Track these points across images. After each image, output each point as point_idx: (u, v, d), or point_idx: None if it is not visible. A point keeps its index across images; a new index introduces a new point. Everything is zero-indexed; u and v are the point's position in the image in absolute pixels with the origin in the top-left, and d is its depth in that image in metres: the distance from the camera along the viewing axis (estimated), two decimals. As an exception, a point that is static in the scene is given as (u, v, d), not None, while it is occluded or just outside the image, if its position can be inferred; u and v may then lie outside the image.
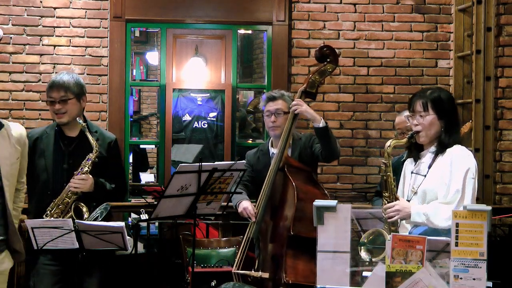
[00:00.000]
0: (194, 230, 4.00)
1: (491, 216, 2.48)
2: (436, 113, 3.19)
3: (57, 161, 3.76)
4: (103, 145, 3.86)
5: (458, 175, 3.09)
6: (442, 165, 3.16)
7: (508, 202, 5.60)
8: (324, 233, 2.59)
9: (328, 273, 2.57)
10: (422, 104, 3.21)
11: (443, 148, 3.19)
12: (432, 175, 3.18)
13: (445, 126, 3.20)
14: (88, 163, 3.72)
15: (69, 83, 3.80)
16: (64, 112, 3.78)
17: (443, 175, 3.13)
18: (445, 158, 3.17)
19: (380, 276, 2.52)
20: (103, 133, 3.98)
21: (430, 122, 3.19)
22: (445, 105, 3.22)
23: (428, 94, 3.23)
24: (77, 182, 3.68)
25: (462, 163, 3.12)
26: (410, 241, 2.48)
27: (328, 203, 2.63)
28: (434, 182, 3.16)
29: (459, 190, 3.07)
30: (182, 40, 6.45)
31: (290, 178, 3.86)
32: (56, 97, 3.77)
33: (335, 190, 5.77)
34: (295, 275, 3.73)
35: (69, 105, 3.79)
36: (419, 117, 3.22)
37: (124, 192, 4.20)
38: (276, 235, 3.93)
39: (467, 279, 2.44)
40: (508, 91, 5.65)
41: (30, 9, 5.64)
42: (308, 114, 3.94)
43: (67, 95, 3.78)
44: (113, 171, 3.92)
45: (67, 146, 3.80)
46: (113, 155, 3.95)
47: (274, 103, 4.15)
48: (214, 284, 4.31)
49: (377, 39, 5.88)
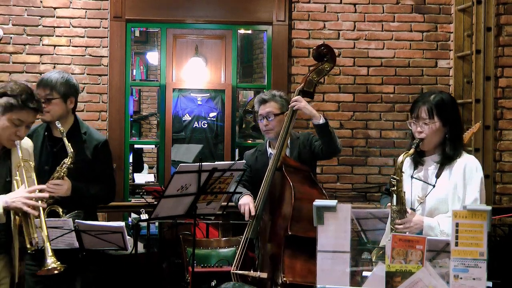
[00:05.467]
0: (194, 230, 4.00)
1: (491, 216, 2.47)
2: (440, 120, 3.12)
3: (41, 162, 3.69)
4: (89, 147, 3.77)
5: (474, 185, 3.06)
6: (455, 176, 3.10)
7: (508, 202, 5.60)
8: (324, 233, 2.59)
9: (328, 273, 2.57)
10: (427, 110, 3.12)
11: (448, 159, 3.13)
12: (442, 186, 3.12)
13: (450, 133, 3.14)
14: (63, 168, 3.60)
15: (56, 82, 3.72)
16: (48, 111, 3.70)
17: (457, 186, 3.08)
18: (456, 170, 3.11)
19: (380, 276, 2.52)
20: (92, 135, 3.88)
21: (436, 130, 3.13)
22: (449, 110, 3.15)
23: (432, 99, 3.15)
24: (51, 186, 3.57)
25: (476, 175, 3.09)
26: (410, 241, 2.48)
27: (328, 203, 2.62)
28: (445, 193, 3.11)
29: (477, 199, 3.04)
30: (182, 40, 6.46)
31: (287, 178, 3.86)
32: (41, 94, 3.66)
33: (335, 190, 5.78)
34: (293, 275, 3.73)
35: (52, 105, 3.71)
36: (423, 124, 3.14)
37: (112, 196, 4.03)
38: (274, 235, 3.93)
39: (467, 279, 2.44)
40: (508, 91, 5.65)
41: (30, 9, 5.64)
42: (307, 110, 3.92)
43: (51, 94, 3.71)
44: (99, 174, 3.84)
45: (52, 147, 3.74)
46: (100, 157, 3.84)
47: (265, 106, 4.13)
48: (214, 284, 4.31)
49: (377, 39, 5.88)
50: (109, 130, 5.67)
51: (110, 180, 3.97)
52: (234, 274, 3.94)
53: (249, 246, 4.02)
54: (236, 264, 3.97)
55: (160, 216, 3.75)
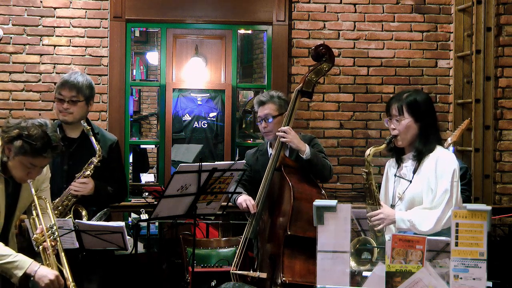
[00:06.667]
0: (194, 230, 4.00)
1: (491, 216, 2.48)
2: (412, 116, 3.21)
3: (57, 162, 3.74)
4: (104, 147, 3.85)
5: (445, 177, 3.12)
6: (427, 170, 3.18)
7: (508, 202, 5.60)
8: (324, 233, 2.59)
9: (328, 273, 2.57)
10: (397, 108, 3.23)
11: (420, 154, 3.21)
12: (417, 180, 3.20)
13: (421, 129, 3.21)
14: (91, 167, 3.72)
15: (82, 85, 3.81)
16: (71, 112, 3.78)
17: (429, 180, 3.16)
18: (429, 163, 3.19)
19: (380, 276, 2.52)
20: (105, 135, 3.99)
21: (406, 126, 3.22)
22: (421, 108, 3.23)
23: (404, 97, 3.25)
24: (78, 185, 3.68)
25: (447, 165, 3.14)
26: (410, 241, 2.48)
27: (328, 203, 2.63)
28: (420, 187, 3.18)
29: (447, 190, 3.10)
30: (182, 40, 6.46)
31: (287, 178, 3.87)
32: (67, 96, 3.78)
33: (335, 190, 5.77)
34: (292, 275, 3.74)
35: (77, 107, 3.80)
36: (395, 121, 3.24)
37: (124, 195, 4.19)
38: (273, 235, 3.93)
39: (467, 279, 2.44)
40: (508, 91, 5.65)
41: (30, 9, 5.64)
42: (294, 144, 3.93)
43: (78, 97, 3.80)
44: (114, 173, 3.92)
45: (68, 147, 3.77)
46: (114, 157, 3.95)
47: (264, 107, 4.13)
48: (214, 284, 4.31)
49: (377, 39, 5.88)
50: (109, 130, 5.65)
51: (123, 179, 4.08)
52: (234, 274, 3.94)
53: (248, 246, 4.02)
54: (235, 264, 3.97)
55: (160, 216, 3.76)
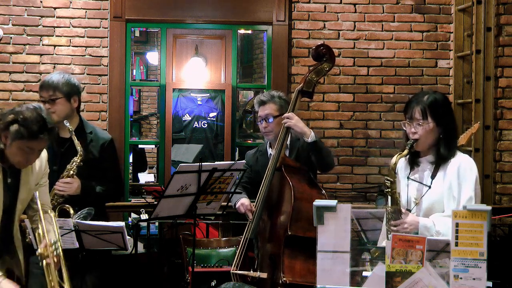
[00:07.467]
0: (194, 230, 4.00)
1: (491, 216, 2.48)
2: (434, 121, 3.11)
3: (49, 162, 3.73)
4: (95, 146, 3.85)
5: (468, 184, 3.05)
6: (449, 176, 3.09)
7: (508, 202, 5.60)
8: (324, 233, 2.59)
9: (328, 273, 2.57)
10: (421, 111, 3.12)
11: (443, 160, 3.12)
12: (437, 186, 3.11)
13: (444, 133, 3.13)
14: (73, 166, 3.70)
15: (58, 83, 3.82)
16: (54, 111, 3.77)
17: (451, 186, 3.08)
18: (451, 170, 3.10)
19: (380, 276, 2.52)
20: (98, 134, 3.97)
21: (430, 130, 3.12)
22: (443, 111, 3.14)
23: (426, 99, 3.14)
24: (62, 185, 3.68)
25: (470, 172, 3.08)
26: (410, 241, 2.48)
27: (328, 203, 2.62)
28: (440, 193, 3.10)
29: (471, 198, 3.03)
30: (182, 40, 6.46)
31: (287, 178, 3.87)
32: (45, 96, 3.81)
33: (335, 190, 5.77)
34: (293, 275, 3.74)
35: (58, 105, 3.80)
36: (417, 125, 3.14)
37: (119, 193, 4.16)
38: (273, 235, 3.93)
39: (467, 279, 2.44)
40: (508, 91, 5.65)
41: (30, 9, 5.64)
42: (298, 128, 3.92)
43: (55, 95, 3.80)
44: (107, 173, 3.90)
45: (59, 147, 3.78)
46: (107, 156, 3.92)
47: (264, 107, 4.12)
48: (214, 284, 4.31)
49: (377, 39, 5.88)
50: (109, 130, 5.66)
51: (117, 178, 4.06)
52: (234, 274, 3.94)
53: (249, 246, 4.02)
54: (236, 264, 3.97)
55: (160, 216, 3.76)
